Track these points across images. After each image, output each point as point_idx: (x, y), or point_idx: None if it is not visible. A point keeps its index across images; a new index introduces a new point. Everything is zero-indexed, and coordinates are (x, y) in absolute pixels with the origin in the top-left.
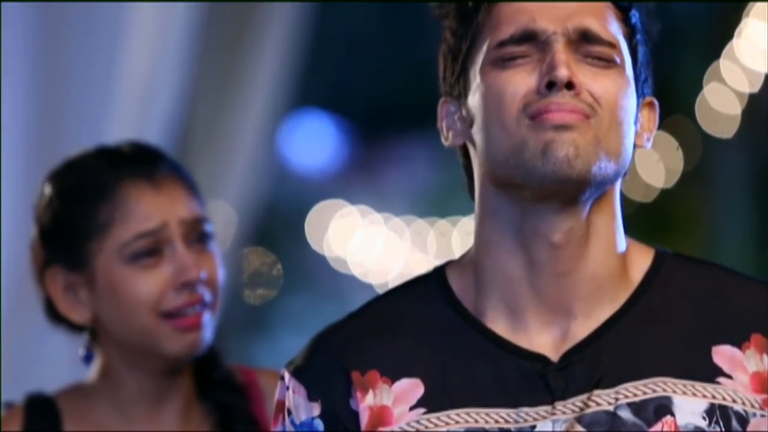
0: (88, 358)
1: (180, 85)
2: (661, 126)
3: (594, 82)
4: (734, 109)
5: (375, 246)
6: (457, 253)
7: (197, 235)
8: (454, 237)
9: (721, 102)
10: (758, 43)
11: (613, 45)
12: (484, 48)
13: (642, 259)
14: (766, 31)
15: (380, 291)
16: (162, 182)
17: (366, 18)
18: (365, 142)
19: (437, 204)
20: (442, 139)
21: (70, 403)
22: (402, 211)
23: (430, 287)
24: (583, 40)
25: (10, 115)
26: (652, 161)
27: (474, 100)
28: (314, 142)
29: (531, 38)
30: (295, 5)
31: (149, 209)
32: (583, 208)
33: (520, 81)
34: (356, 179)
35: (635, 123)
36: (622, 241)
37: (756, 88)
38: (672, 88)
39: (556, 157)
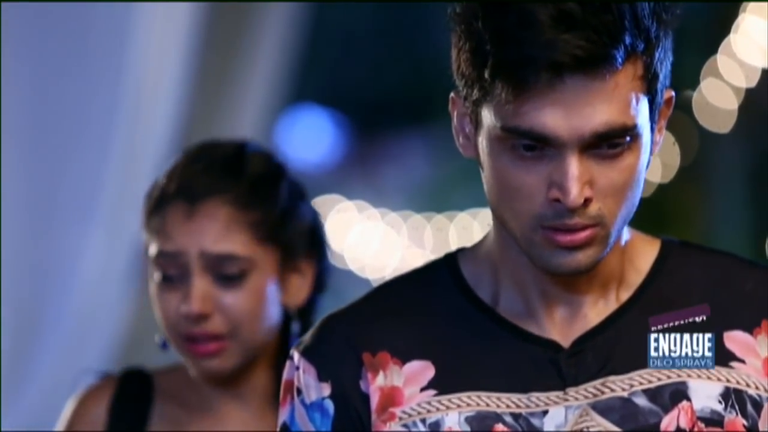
0: (164, 345)
1: (180, 81)
2: None
3: (605, 179)
4: (731, 104)
5: (372, 241)
6: (454, 248)
7: (219, 272)
8: (451, 232)
9: (718, 97)
10: (755, 38)
11: (629, 128)
12: (495, 119)
13: (649, 250)
14: (762, 27)
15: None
16: (202, 209)
17: (363, 14)
18: (362, 138)
19: (434, 199)
20: (453, 132)
21: (165, 381)
22: (399, 206)
23: (441, 274)
24: (598, 139)
25: (10, 115)
26: None
27: (484, 160)
28: (311, 137)
29: (541, 140)
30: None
31: (176, 232)
32: None
33: (534, 188)
34: (353, 174)
35: (651, 141)
36: (625, 233)
37: (753, 83)
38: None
39: (564, 272)
